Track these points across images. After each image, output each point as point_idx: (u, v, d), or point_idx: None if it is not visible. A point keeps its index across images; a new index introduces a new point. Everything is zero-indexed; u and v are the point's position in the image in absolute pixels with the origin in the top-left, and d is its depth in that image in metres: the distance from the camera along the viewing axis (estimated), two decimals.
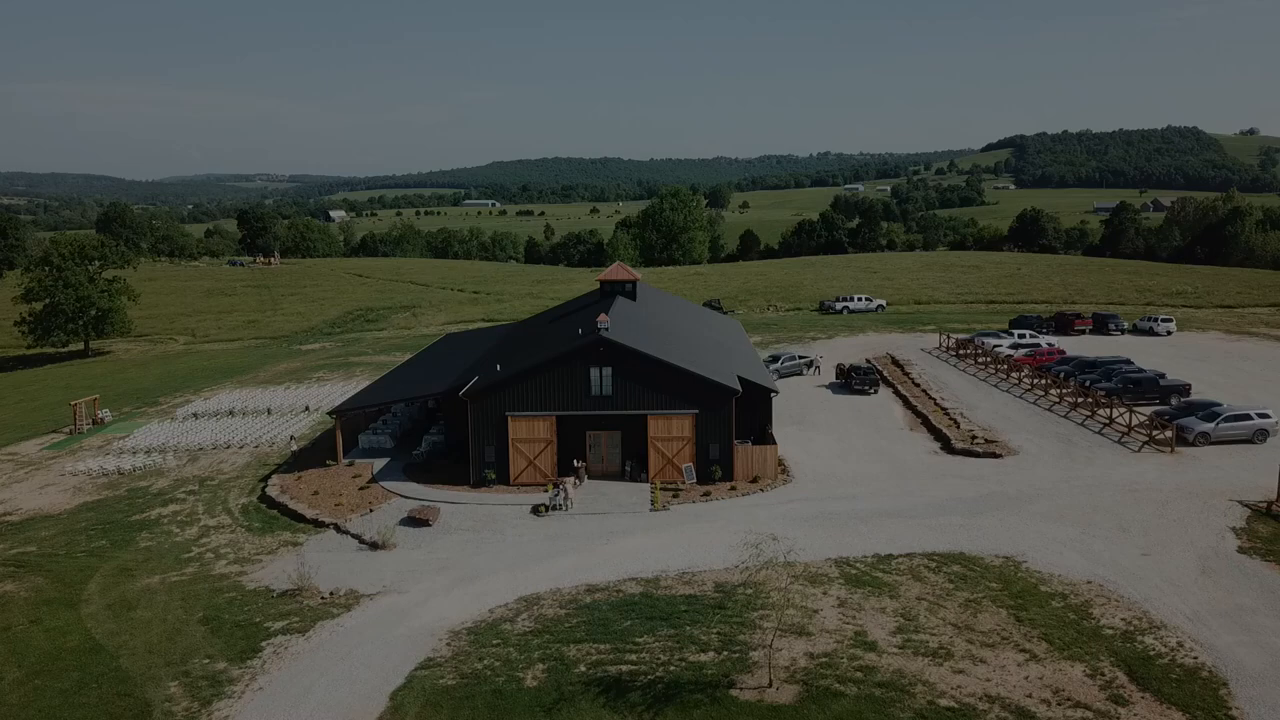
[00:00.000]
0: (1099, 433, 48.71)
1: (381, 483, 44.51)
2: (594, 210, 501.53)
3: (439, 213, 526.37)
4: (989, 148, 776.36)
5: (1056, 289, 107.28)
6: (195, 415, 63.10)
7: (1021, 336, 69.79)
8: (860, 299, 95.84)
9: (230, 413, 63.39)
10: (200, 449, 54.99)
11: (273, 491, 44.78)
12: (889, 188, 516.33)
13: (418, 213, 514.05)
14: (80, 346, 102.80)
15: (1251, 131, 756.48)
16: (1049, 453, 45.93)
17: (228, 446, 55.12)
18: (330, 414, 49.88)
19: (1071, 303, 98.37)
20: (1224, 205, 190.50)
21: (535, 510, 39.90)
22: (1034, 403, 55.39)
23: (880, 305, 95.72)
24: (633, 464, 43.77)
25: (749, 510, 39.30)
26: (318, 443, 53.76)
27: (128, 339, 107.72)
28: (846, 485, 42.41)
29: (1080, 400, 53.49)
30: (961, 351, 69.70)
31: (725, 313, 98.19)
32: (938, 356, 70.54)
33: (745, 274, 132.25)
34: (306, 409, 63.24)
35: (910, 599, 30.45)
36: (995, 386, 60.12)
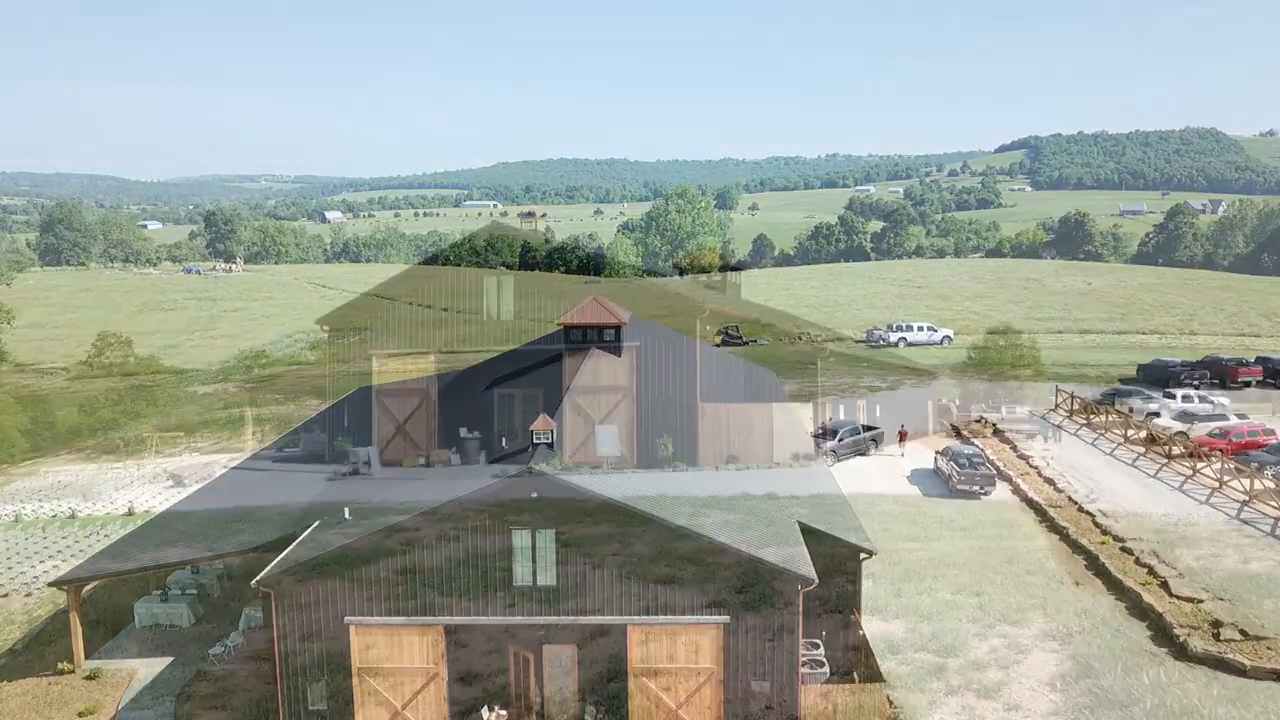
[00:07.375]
0: None
1: None
2: (598, 212, 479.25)
3: (439, 214, 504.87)
4: (1002, 149, 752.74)
5: (1157, 312, 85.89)
6: None
7: (1187, 399, 48.21)
8: (921, 328, 74.16)
9: (16, 519, 42.33)
10: None
11: None
12: (901, 189, 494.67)
13: (417, 214, 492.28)
14: None
15: (1271, 133, 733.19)
16: None
17: None
18: (56, 585, 28.03)
19: (1190, 333, 77.11)
20: None
21: None
22: (1271, 534, 34.02)
23: (947, 337, 74.24)
24: (599, 711, 22.63)
25: None
26: (92, 601, 32.16)
27: (7, 368, 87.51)
28: None
29: None
30: (1093, 419, 48.46)
31: (745, 343, 77.28)
32: (1059, 425, 49.22)
33: (766, 289, 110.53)
34: (130, 512, 42.12)
35: None
36: (1177, 489, 38.82)
